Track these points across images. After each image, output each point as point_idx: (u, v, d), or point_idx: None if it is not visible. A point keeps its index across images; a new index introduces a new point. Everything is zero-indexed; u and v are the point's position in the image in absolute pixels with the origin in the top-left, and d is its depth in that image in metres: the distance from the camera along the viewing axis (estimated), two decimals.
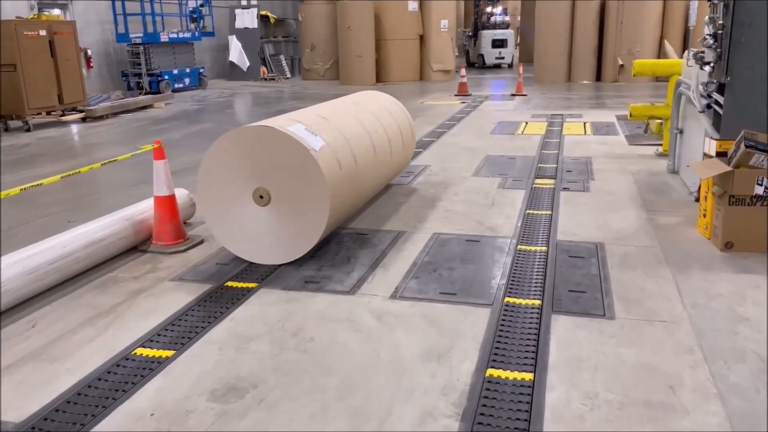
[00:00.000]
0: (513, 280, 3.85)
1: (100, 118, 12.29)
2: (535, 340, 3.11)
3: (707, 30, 4.69)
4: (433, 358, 2.97)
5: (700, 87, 5.03)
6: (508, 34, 24.00)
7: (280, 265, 4.16)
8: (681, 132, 6.28)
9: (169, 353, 3.05)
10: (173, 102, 14.98)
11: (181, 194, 5.02)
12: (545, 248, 4.39)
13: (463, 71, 15.58)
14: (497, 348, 3.04)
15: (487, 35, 23.79)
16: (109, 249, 4.19)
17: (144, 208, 4.65)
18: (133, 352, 3.07)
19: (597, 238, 4.59)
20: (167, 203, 4.51)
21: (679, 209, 5.19)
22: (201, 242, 4.67)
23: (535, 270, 4.01)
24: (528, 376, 2.79)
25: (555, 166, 7.00)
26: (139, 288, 3.86)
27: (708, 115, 4.94)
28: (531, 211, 5.28)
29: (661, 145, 7.51)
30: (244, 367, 2.92)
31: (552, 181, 6.32)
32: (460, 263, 4.17)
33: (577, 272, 3.96)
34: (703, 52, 4.78)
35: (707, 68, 4.72)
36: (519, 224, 4.95)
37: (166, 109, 13.84)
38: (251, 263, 4.22)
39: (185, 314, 3.47)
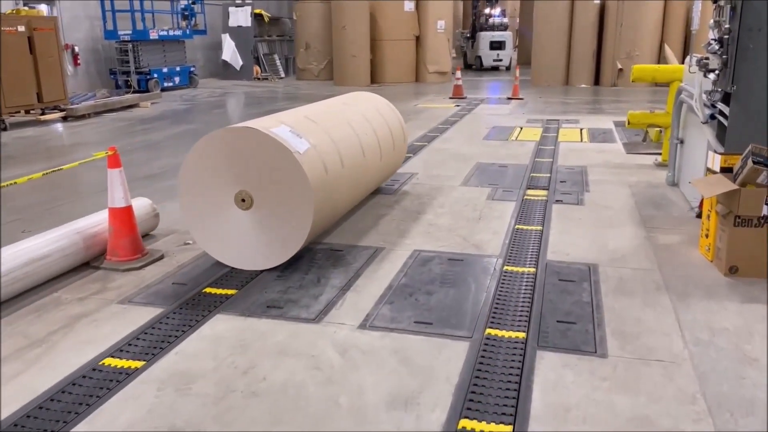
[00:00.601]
0: (496, 308, 3.48)
1: (82, 117, 11.89)
2: (516, 383, 2.75)
3: (712, 35, 4.34)
4: (400, 404, 2.61)
5: (704, 96, 4.69)
6: (507, 36, 23.63)
7: (240, 288, 3.79)
8: (681, 142, 5.92)
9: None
10: (160, 101, 14.59)
11: (142, 204, 4.65)
12: (534, 270, 4.03)
13: (458, 73, 15.21)
14: (473, 393, 2.68)
15: (485, 37, 23.42)
16: (53, 267, 3.80)
17: (99, 220, 4.27)
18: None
19: (590, 258, 4.23)
20: (123, 215, 4.14)
21: (680, 226, 4.83)
22: (161, 258, 4.30)
23: (522, 296, 3.64)
24: (507, 430, 2.43)
25: (548, 175, 6.64)
26: (81, 312, 3.48)
27: (712, 126, 4.59)
28: (520, 227, 4.91)
29: (660, 154, 7.16)
30: (182, 413, 2.55)
31: (545, 192, 5.95)
32: (439, 286, 3.80)
33: (567, 299, 3.60)
34: (707, 58, 4.42)
35: (712, 76, 4.38)
36: (507, 241, 4.59)
37: (152, 109, 13.46)
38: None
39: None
